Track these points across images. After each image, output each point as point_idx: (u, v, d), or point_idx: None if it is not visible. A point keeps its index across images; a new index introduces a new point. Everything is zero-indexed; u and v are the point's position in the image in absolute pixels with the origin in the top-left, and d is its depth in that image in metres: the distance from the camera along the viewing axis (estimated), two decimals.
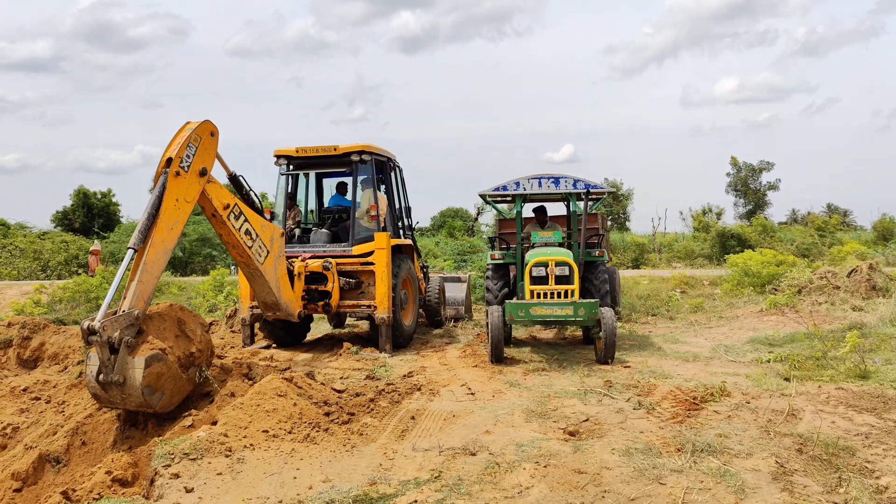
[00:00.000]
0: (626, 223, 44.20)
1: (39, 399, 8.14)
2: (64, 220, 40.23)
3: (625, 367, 8.45)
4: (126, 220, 35.71)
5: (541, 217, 11.44)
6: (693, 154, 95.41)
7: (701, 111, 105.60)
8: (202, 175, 7.19)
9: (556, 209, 12.37)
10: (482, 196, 10.54)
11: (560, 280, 9.02)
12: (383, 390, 7.17)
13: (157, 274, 6.57)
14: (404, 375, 8.21)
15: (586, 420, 6.06)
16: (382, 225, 10.36)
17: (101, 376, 5.92)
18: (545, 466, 4.78)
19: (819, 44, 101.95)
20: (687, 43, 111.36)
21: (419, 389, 7.33)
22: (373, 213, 10.34)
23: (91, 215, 40.30)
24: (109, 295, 6.13)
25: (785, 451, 5.10)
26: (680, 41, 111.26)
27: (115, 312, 6.04)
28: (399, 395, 7.01)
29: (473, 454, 5.14)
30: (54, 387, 8.38)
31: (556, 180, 9.84)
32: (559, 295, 8.93)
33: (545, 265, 9.07)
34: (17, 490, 5.81)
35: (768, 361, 8.47)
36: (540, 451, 5.13)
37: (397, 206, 11.39)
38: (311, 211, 11.93)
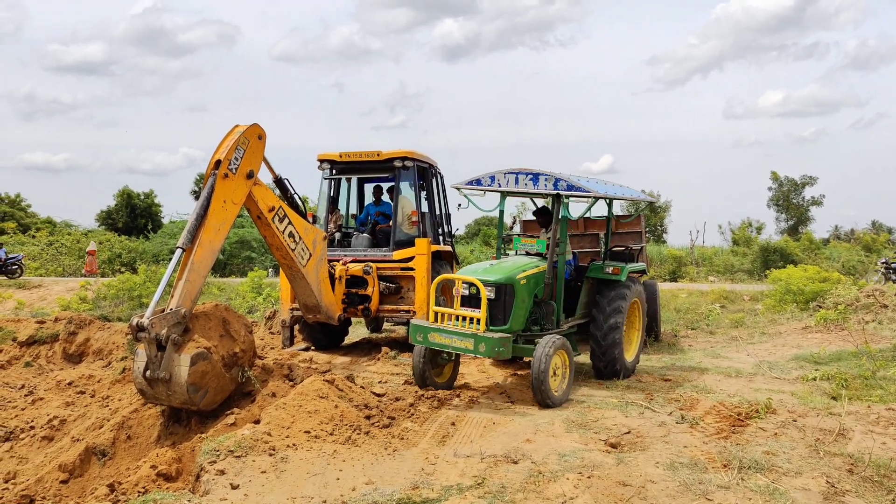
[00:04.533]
0: (664, 235, 43.67)
1: (84, 393, 8.34)
2: (108, 220, 41.22)
3: (665, 380, 8.33)
4: (168, 221, 36.36)
5: (543, 220, 9.23)
6: (734, 167, 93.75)
7: (744, 124, 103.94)
8: (249, 177, 7.30)
9: (597, 209, 9.23)
10: (457, 188, 8.88)
11: (468, 302, 7.40)
12: (422, 395, 7.17)
13: (204, 273, 6.68)
14: None
15: (628, 432, 5.98)
16: (423, 231, 10.38)
17: (147, 372, 6.03)
18: (588, 477, 4.73)
19: (870, 58, 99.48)
20: (732, 54, 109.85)
21: (458, 396, 7.31)
22: (414, 218, 10.38)
23: (134, 215, 41.22)
24: (158, 293, 6.24)
25: (835, 471, 4.97)
26: (725, 53, 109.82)
27: (163, 310, 6.15)
28: (438, 400, 7.00)
29: (515, 462, 5.10)
30: (98, 381, 8.57)
31: (535, 177, 8.07)
32: (467, 321, 7.30)
33: (452, 283, 7.55)
34: (64, 482, 5.94)
35: (814, 379, 8.27)
36: (583, 462, 5.08)
37: (437, 212, 11.40)
38: (353, 215, 12.01)
